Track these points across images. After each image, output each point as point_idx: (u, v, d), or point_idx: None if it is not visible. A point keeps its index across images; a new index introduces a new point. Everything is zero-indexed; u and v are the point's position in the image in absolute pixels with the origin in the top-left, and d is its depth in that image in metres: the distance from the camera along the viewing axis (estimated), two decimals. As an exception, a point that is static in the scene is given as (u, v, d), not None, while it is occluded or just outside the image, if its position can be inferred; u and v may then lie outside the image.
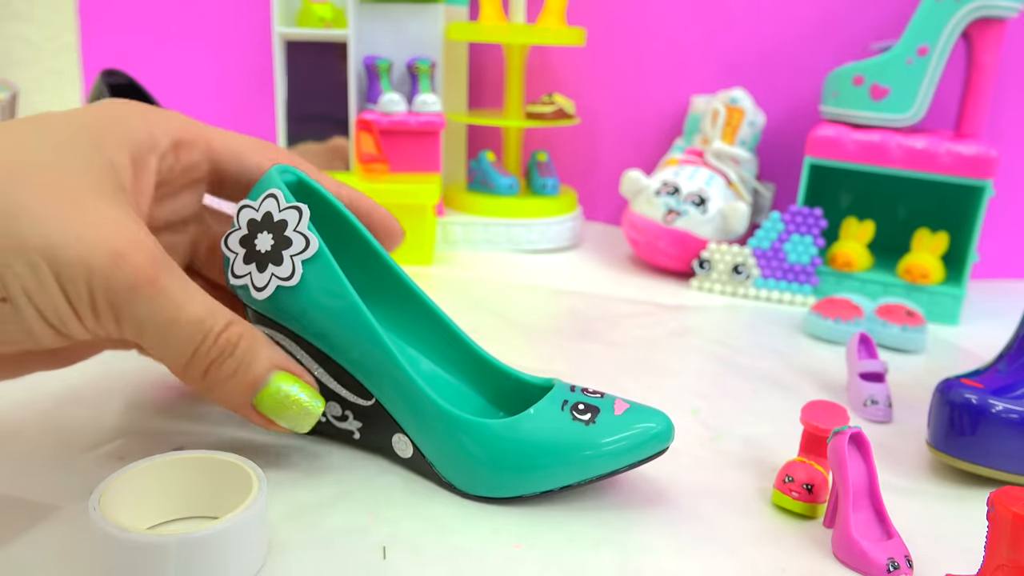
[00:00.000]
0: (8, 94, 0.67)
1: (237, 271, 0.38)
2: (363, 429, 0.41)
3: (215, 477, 0.34)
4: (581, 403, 0.39)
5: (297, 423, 0.37)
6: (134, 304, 0.32)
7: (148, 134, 0.37)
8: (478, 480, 0.38)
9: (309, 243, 0.37)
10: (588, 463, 0.37)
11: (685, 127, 0.92)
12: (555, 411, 0.38)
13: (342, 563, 0.34)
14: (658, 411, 0.39)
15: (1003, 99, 0.82)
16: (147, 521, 0.34)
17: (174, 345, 0.34)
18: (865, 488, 0.38)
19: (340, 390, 0.40)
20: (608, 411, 0.38)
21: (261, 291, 0.38)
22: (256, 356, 0.35)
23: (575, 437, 0.37)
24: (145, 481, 0.33)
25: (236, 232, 0.38)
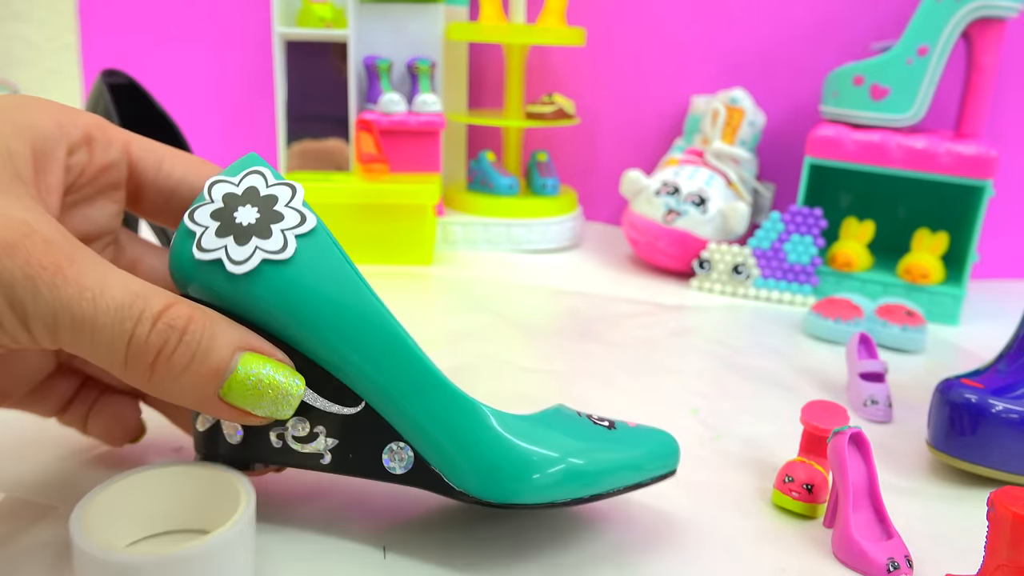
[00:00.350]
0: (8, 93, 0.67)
1: (207, 244, 0.32)
2: (339, 448, 0.34)
3: (202, 489, 0.33)
4: (595, 416, 0.38)
5: (277, 409, 0.31)
6: (37, 298, 0.27)
7: (55, 124, 0.32)
8: (499, 480, 0.33)
9: (305, 218, 0.32)
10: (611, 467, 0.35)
11: (685, 127, 0.92)
12: (575, 416, 0.37)
13: (342, 563, 0.34)
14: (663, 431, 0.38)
15: (1003, 99, 0.82)
16: (132, 536, 0.33)
17: (100, 341, 0.28)
18: (865, 488, 0.38)
19: (315, 401, 0.34)
20: (623, 424, 0.38)
21: (240, 264, 0.31)
22: (215, 337, 0.30)
23: (601, 436, 0.36)
24: (131, 494, 0.33)
25: (205, 205, 0.32)
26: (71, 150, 0.33)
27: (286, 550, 0.34)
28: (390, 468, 0.34)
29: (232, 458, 0.34)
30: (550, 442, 0.34)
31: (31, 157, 0.31)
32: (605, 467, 0.35)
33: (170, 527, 0.34)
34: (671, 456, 0.37)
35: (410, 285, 0.72)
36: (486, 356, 0.57)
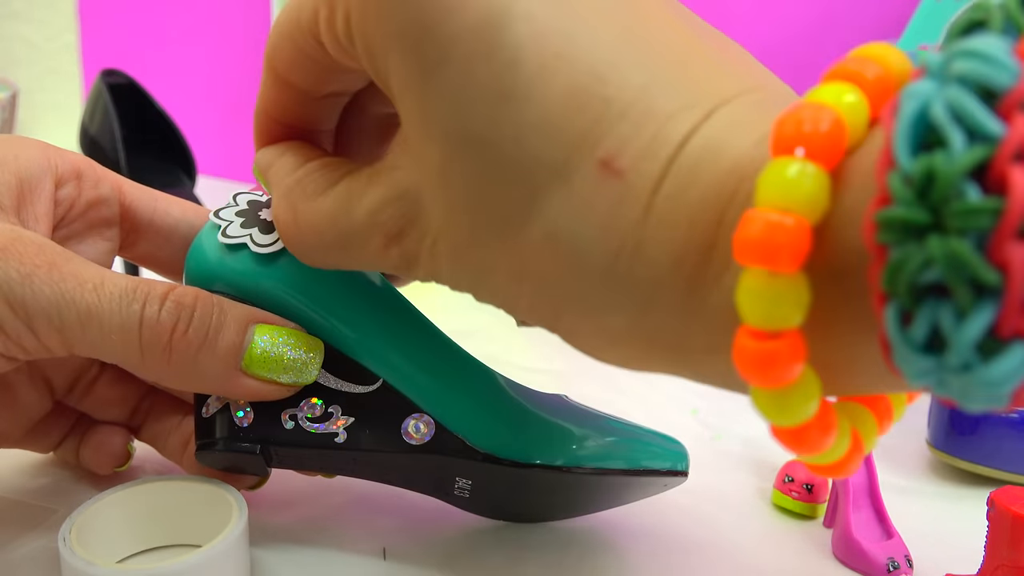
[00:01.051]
0: (8, 94, 0.67)
1: (232, 232, 0.32)
2: (354, 426, 0.34)
3: (194, 503, 0.33)
4: None
5: (301, 372, 0.31)
6: (37, 295, 0.26)
7: (43, 156, 0.31)
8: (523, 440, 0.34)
9: None
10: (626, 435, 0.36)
11: (685, 127, 0.92)
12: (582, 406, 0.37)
13: (342, 564, 0.34)
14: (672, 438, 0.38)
15: (1003, 99, 0.82)
16: (123, 551, 0.33)
17: (112, 329, 0.27)
18: (865, 488, 0.38)
19: (329, 381, 0.33)
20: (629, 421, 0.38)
21: (265, 247, 0.32)
22: (225, 313, 0.29)
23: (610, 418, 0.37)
24: (121, 508, 0.32)
25: (230, 208, 0.33)
26: (59, 183, 0.32)
27: (283, 553, 0.34)
28: (409, 440, 0.34)
29: (241, 440, 0.33)
30: (565, 412, 0.35)
31: (16, 186, 0.30)
32: (620, 440, 0.35)
33: (162, 541, 0.34)
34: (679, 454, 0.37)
35: (410, 285, 0.72)
36: (486, 356, 0.57)
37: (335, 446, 0.34)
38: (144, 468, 0.40)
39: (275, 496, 0.38)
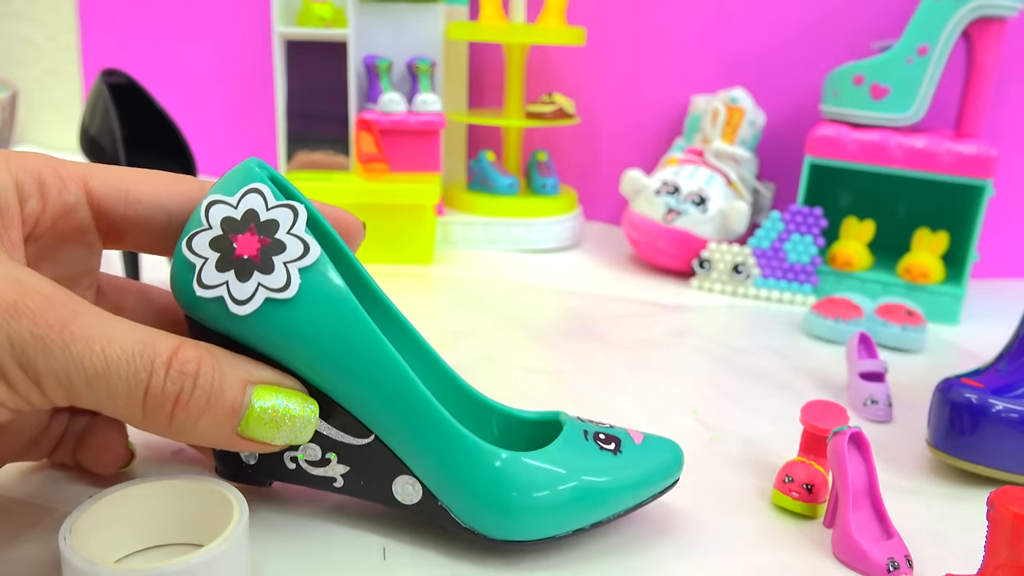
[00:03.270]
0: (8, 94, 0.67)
1: (207, 280, 0.31)
2: (350, 474, 0.35)
3: (195, 502, 0.33)
4: (601, 433, 0.37)
5: (295, 436, 0.32)
6: (48, 358, 0.26)
7: (5, 171, 0.30)
8: (512, 520, 0.34)
9: (308, 248, 0.31)
10: (619, 495, 0.35)
11: (685, 126, 0.92)
12: (580, 440, 0.36)
13: (342, 564, 0.34)
14: (669, 440, 0.38)
15: (1003, 99, 0.82)
16: (124, 550, 0.33)
17: (118, 394, 0.28)
18: (865, 488, 0.38)
19: (326, 429, 0.34)
20: (629, 441, 0.37)
21: (243, 304, 0.31)
22: (224, 377, 0.30)
23: (606, 467, 0.35)
24: (122, 507, 0.32)
25: (203, 232, 0.31)
26: (23, 200, 0.31)
27: (283, 553, 0.34)
28: (399, 499, 0.35)
29: (249, 476, 0.35)
30: (555, 483, 0.34)
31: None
32: (609, 498, 0.35)
33: (163, 540, 0.34)
34: (674, 468, 0.37)
35: (410, 285, 0.72)
36: (486, 356, 0.57)
37: (334, 489, 0.35)
38: (144, 468, 0.40)
39: (275, 496, 0.38)
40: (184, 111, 0.85)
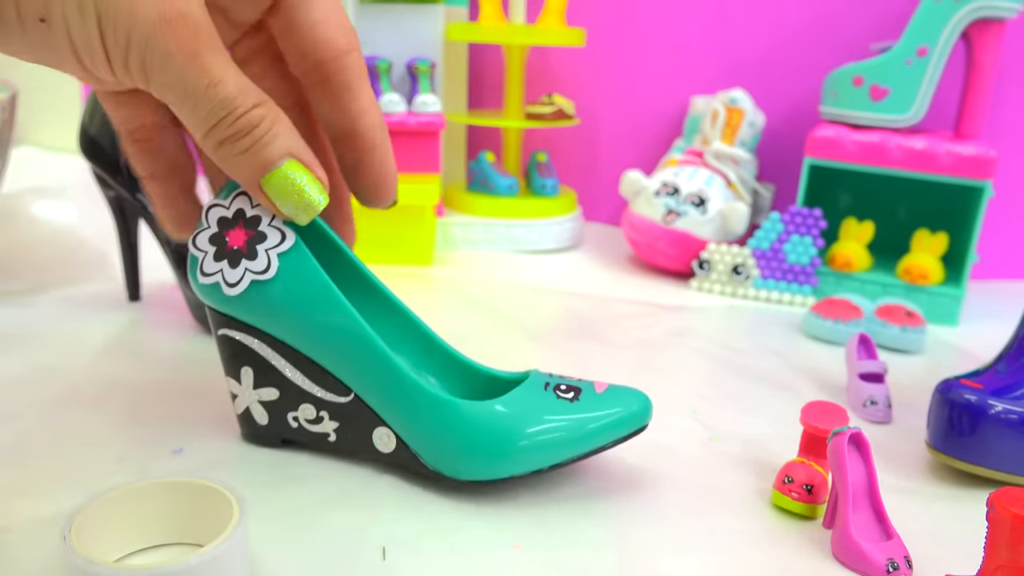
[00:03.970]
0: (8, 94, 0.67)
1: (207, 269, 0.38)
2: (340, 429, 0.40)
3: (195, 503, 0.33)
4: (562, 384, 0.40)
5: (297, 213, 0.36)
6: (165, 70, 0.32)
7: None
8: (468, 462, 0.38)
9: (285, 236, 0.37)
10: (576, 439, 0.38)
11: (685, 127, 0.92)
12: (539, 391, 0.39)
13: (342, 564, 0.34)
14: (636, 390, 0.40)
15: (1003, 99, 0.82)
16: (124, 549, 0.33)
17: (197, 114, 0.34)
18: (864, 489, 0.38)
19: (315, 390, 0.40)
20: (590, 390, 0.40)
21: (234, 287, 0.37)
22: (274, 139, 0.35)
23: (565, 414, 0.38)
24: (123, 507, 0.33)
25: (204, 231, 0.38)
26: None
27: (284, 551, 0.34)
28: (379, 448, 0.40)
29: (264, 435, 0.42)
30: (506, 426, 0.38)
31: None
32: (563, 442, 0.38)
33: (163, 540, 0.34)
34: (638, 415, 0.39)
35: (410, 285, 0.72)
36: (486, 356, 0.57)
37: (330, 445, 0.41)
38: (144, 468, 0.40)
39: (275, 496, 0.38)
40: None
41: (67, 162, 1.17)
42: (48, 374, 0.49)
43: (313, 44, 0.38)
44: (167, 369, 0.51)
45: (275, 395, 0.40)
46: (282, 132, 0.35)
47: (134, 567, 0.28)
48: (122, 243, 0.62)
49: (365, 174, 0.40)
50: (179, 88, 0.33)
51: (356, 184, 0.41)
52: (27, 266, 0.70)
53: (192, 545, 0.34)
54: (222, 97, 0.33)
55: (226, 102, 0.34)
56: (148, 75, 0.33)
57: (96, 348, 0.54)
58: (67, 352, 0.53)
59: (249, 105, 0.34)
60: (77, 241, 0.78)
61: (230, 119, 0.34)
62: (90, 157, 0.60)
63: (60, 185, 1.03)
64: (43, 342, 0.54)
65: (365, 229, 0.76)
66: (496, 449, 0.38)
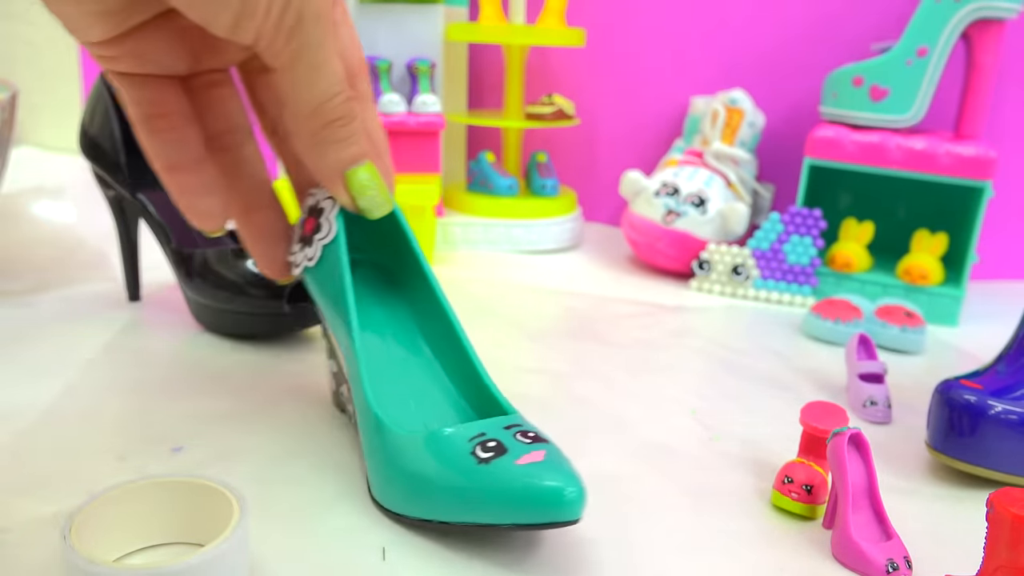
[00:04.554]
0: (8, 95, 0.67)
1: (293, 249, 0.43)
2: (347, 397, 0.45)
3: (195, 503, 0.33)
4: (493, 441, 0.35)
5: (372, 209, 0.39)
6: (313, 29, 0.33)
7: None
8: (373, 484, 0.38)
9: (330, 230, 0.41)
10: (468, 506, 0.34)
11: (685, 128, 0.92)
12: (462, 442, 0.35)
13: (342, 564, 0.34)
14: (573, 476, 0.33)
15: (1002, 100, 0.82)
16: (124, 549, 0.33)
17: (315, 87, 0.35)
18: (864, 489, 0.38)
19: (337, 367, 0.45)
20: (512, 456, 0.34)
21: (297, 268, 0.43)
22: (361, 137, 0.38)
23: (461, 474, 0.34)
24: (123, 506, 0.33)
25: (301, 217, 0.43)
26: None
27: (284, 551, 0.34)
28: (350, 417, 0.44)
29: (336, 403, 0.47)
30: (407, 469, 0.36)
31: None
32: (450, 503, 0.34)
33: (163, 540, 0.34)
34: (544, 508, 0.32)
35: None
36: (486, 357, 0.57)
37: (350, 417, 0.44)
38: (144, 467, 0.40)
39: (275, 496, 0.38)
40: (184, 112, 0.84)
41: (67, 162, 1.17)
42: (48, 374, 0.49)
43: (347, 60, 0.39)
44: (167, 369, 0.51)
45: (335, 368, 0.45)
46: (370, 125, 0.39)
47: (134, 567, 0.28)
48: (122, 243, 0.62)
49: None
50: (313, 52, 0.34)
51: None
52: (27, 266, 0.70)
53: (192, 544, 0.34)
54: (338, 73, 0.35)
55: (339, 82, 0.35)
56: (295, 33, 0.33)
57: (96, 348, 0.54)
58: (67, 352, 0.53)
59: (348, 93, 0.36)
60: (77, 241, 0.78)
61: (339, 99, 0.36)
62: (90, 157, 0.60)
63: (60, 185, 1.03)
64: (43, 342, 0.54)
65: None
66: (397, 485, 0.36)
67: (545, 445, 0.35)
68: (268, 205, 0.43)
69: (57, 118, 1.25)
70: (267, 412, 0.47)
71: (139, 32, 0.35)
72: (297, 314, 0.55)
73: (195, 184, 0.40)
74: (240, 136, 0.42)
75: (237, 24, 0.32)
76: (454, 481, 0.34)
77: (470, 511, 0.34)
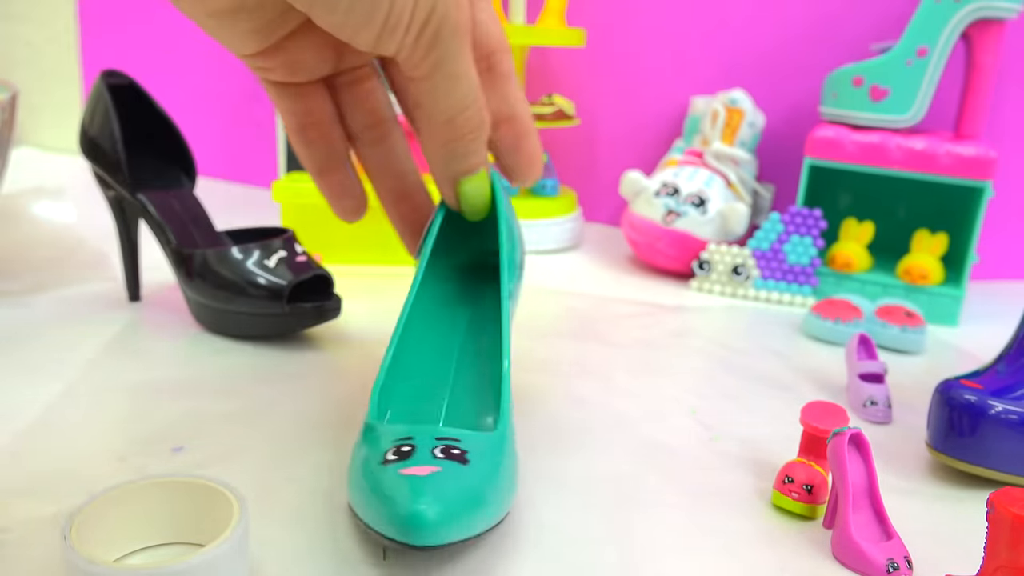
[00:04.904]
0: (8, 95, 0.67)
1: None
2: None
3: (195, 503, 0.33)
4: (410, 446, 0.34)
5: (472, 214, 0.41)
6: (450, 44, 0.35)
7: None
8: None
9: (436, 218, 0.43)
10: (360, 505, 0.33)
11: (685, 128, 0.92)
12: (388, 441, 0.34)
13: (342, 564, 0.34)
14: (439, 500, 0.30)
15: (1002, 100, 0.82)
16: (124, 549, 0.33)
17: (453, 95, 0.36)
18: (864, 489, 0.38)
19: None
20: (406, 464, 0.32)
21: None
22: (484, 147, 0.39)
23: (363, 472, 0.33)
24: (122, 507, 0.32)
25: None
26: None
27: (284, 551, 0.34)
28: None
29: None
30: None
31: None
32: None
33: (163, 540, 0.34)
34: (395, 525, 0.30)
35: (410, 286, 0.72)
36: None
37: None
38: (144, 467, 0.40)
39: (275, 496, 0.38)
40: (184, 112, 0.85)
41: (67, 162, 1.17)
42: (48, 374, 0.49)
43: (485, 37, 0.41)
44: (167, 369, 0.51)
45: None
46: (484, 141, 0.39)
47: (134, 567, 0.28)
48: (122, 243, 0.62)
49: (521, 154, 0.44)
50: (451, 64, 0.35)
51: (512, 161, 0.44)
52: (27, 266, 0.70)
53: (192, 545, 0.34)
54: (474, 84, 0.37)
55: (475, 90, 0.37)
56: (434, 46, 0.35)
57: (96, 348, 0.54)
58: (67, 352, 0.53)
59: (481, 103, 0.38)
60: (77, 241, 0.78)
61: (475, 108, 0.37)
62: (90, 157, 0.60)
63: (60, 185, 1.03)
64: (43, 342, 0.54)
65: (365, 229, 0.76)
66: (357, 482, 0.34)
67: (451, 465, 0.32)
68: (416, 193, 0.45)
69: (57, 118, 1.25)
70: (267, 412, 0.47)
71: (289, 40, 0.38)
72: (297, 314, 0.55)
73: (344, 183, 0.44)
74: (387, 127, 0.44)
75: (379, 40, 0.34)
76: (356, 477, 0.34)
77: (361, 510, 0.33)
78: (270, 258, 0.56)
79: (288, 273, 0.55)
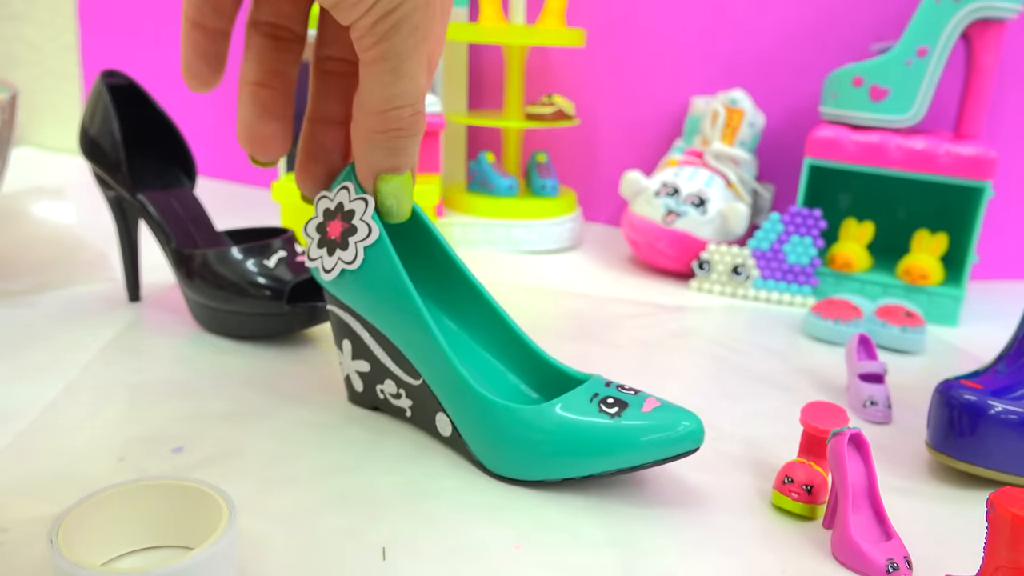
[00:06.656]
0: (8, 95, 0.67)
1: (312, 254, 0.43)
2: (413, 407, 0.45)
3: (184, 505, 0.33)
4: (611, 397, 0.40)
5: (390, 214, 0.41)
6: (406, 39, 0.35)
7: None
8: (505, 462, 0.40)
9: (371, 231, 0.41)
10: (609, 455, 0.39)
11: (685, 128, 0.92)
12: (584, 402, 0.40)
13: (342, 564, 0.34)
14: (688, 412, 0.39)
15: (1002, 100, 0.82)
16: (112, 552, 0.33)
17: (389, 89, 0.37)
18: (864, 489, 0.38)
19: (395, 369, 0.44)
20: (636, 407, 0.39)
21: (328, 273, 0.42)
22: (414, 154, 0.40)
23: (598, 429, 0.39)
24: (110, 509, 0.32)
25: (314, 220, 0.43)
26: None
27: (283, 551, 0.34)
28: (440, 431, 0.43)
29: (361, 400, 0.47)
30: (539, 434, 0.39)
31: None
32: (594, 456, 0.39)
33: (151, 543, 0.34)
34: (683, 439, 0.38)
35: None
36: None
37: (406, 418, 0.46)
38: (145, 468, 0.40)
39: (275, 496, 0.38)
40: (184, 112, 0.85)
41: (67, 162, 1.17)
42: (48, 374, 0.49)
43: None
44: (167, 369, 0.51)
45: (367, 368, 0.46)
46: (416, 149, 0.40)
47: (122, 570, 0.28)
48: (122, 243, 0.62)
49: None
50: (398, 60, 0.36)
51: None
52: (27, 266, 0.70)
53: (181, 548, 0.34)
54: (417, 87, 0.37)
55: (415, 94, 0.37)
56: (387, 37, 0.35)
57: (96, 348, 0.54)
58: (67, 352, 0.53)
59: (421, 108, 0.38)
60: (77, 241, 0.78)
61: (410, 110, 0.38)
62: (90, 157, 0.60)
63: (60, 185, 1.03)
64: (43, 342, 0.54)
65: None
66: (525, 454, 0.39)
67: (647, 394, 0.41)
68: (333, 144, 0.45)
69: (57, 118, 1.25)
70: (267, 412, 0.47)
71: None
72: (297, 314, 0.55)
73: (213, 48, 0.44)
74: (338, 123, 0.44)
75: (338, 5, 0.35)
76: (597, 437, 0.39)
77: (614, 460, 0.39)
78: (270, 258, 0.56)
79: (288, 273, 0.55)
